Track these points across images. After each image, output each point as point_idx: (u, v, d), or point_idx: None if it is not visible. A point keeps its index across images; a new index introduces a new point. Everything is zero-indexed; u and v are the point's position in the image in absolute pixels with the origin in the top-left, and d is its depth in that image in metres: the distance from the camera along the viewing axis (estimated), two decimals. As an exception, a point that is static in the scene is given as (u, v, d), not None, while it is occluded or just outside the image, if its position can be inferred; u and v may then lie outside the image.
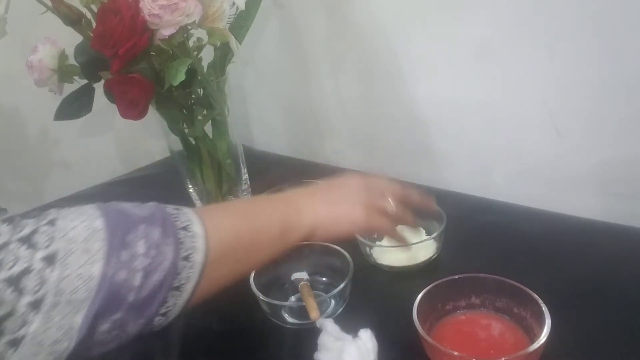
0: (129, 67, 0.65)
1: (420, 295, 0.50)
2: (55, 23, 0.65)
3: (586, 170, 0.70)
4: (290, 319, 0.58)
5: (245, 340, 0.57)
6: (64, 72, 0.70)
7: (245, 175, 0.84)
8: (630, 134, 0.65)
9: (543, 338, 0.44)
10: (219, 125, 0.76)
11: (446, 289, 0.52)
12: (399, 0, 0.78)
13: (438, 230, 0.64)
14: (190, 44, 0.68)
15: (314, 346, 0.51)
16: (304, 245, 0.64)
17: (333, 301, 0.59)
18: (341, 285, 0.57)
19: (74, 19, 0.65)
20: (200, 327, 0.59)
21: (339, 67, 0.93)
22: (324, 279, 0.64)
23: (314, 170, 0.89)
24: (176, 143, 0.78)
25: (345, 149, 1.00)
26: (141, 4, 0.60)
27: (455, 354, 0.44)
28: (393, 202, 0.57)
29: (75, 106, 0.72)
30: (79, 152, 1.04)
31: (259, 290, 0.58)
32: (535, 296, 0.48)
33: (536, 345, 0.43)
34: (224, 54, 0.74)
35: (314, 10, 0.90)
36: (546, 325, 0.45)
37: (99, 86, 0.70)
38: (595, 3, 0.61)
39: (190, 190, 0.82)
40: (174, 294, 0.40)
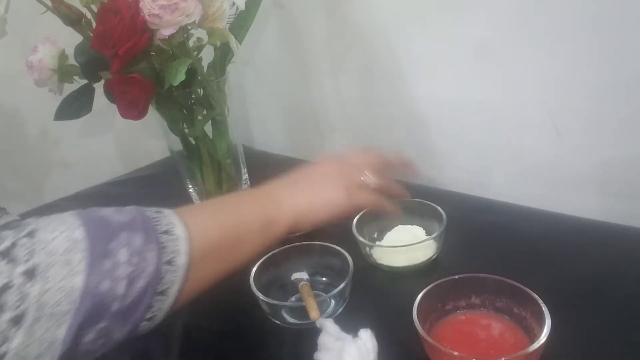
0: (129, 67, 0.65)
1: (420, 295, 0.50)
2: (55, 23, 0.65)
3: (586, 170, 0.70)
4: (290, 319, 0.58)
5: (245, 340, 0.57)
6: (64, 72, 0.70)
7: (245, 175, 0.84)
8: (630, 134, 0.65)
9: (543, 338, 0.44)
10: (219, 125, 0.76)
11: (446, 289, 0.51)
12: (399, 0, 0.78)
13: (438, 230, 0.64)
14: (190, 44, 0.68)
15: (314, 346, 0.51)
16: (304, 245, 0.65)
17: (333, 301, 0.59)
18: (341, 285, 0.57)
19: (74, 19, 0.65)
20: (200, 327, 0.59)
21: (339, 67, 0.93)
22: (324, 279, 0.64)
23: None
24: (176, 143, 0.78)
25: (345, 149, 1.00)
26: (141, 4, 0.60)
27: (455, 354, 0.44)
28: (372, 175, 0.57)
29: (75, 106, 0.72)
30: (79, 152, 1.04)
31: (259, 290, 0.58)
32: (535, 296, 0.48)
33: (536, 345, 0.43)
34: (224, 54, 0.74)
35: (314, 10, 0.90)
36: (546, 325, 0.45)
37: (99, 86, 0.70)
38: (595, 3, 0.61)
39: (190, 190, 0.82)
40: (159, 299, 0.39)
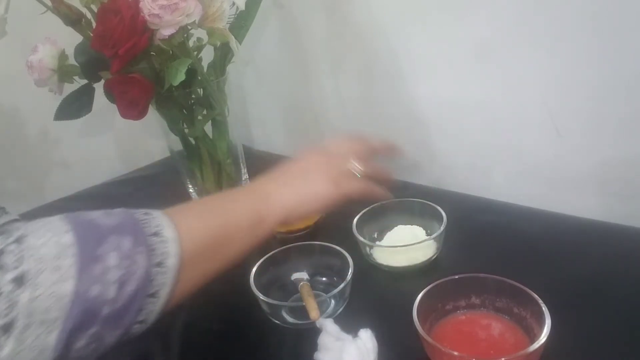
0: (129, 67, 0.65)
1: (420, 295, 0.50)
2: (55, 23, 0.65)
3: (586, 170, 0.70)
4: (290, 319, 0.58)
5: (245, 340, 0.57)
6: (64, 72, 0.70)
7: (245, 175, 0.84)
8: (630, 134, 0.65)
9: (543, 338, 0.44)
10: (219, 125, 0.76)
11: (446, 289, 0.51)
12: (399, 0, 0.78)
13: (438, 231, 0.64)
14: (190, 44, 0.68)
15: (314, 346, 0.51)
16: (304, 245, 0.65)
17: (333, 301, 0.59)
18: (341, 285, 0.57)
19: (74, 19, 0.65)
20: (200, 327, 0.59)
21: (339, 67, 0.93)
22: (324, 279, 0.64)
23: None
24: (176, 143, 0.78)
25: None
26: (141, 4, 0.60)
27: (455, 354, 0.44)
28: (358, 162, 0.57)
29: (75, 106, 0.72)
30: (79, 152, 1.04)
31: (259, 290, 0.58)
32: (535, 296, 0.48)
33: (536, 345, 0.43)
34: (224, 54, 0.74)
35: (314, 10, 0.90)
36: (546, 325, 0.45)
37: (99, 86, 0.70)
38: (595, 3, 0.61)
39: (190, 190, 0.82)
40: (150, 301, 0.39)
